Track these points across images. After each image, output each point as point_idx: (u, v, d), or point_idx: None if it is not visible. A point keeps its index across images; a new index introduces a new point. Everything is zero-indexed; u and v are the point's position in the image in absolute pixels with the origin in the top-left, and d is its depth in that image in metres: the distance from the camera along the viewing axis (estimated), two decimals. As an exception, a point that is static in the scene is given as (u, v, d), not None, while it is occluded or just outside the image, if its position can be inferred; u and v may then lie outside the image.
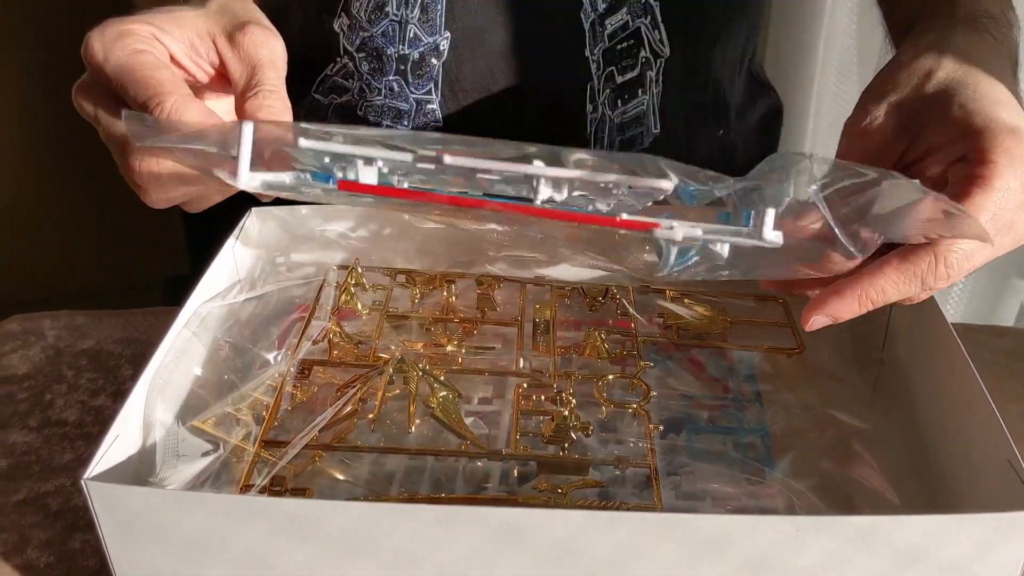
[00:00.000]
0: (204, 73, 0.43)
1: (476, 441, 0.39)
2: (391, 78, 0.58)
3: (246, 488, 0.37)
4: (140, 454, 0.38)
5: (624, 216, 0.33)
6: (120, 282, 1.07)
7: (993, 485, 0.35)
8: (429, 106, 0.59)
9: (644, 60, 0.60)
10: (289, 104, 0.40)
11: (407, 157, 0.34)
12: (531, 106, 0.60)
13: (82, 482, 0.34)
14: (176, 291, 1.21)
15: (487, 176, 0.34)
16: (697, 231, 0.33)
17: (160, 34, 0.41)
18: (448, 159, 0.34)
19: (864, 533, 0.32)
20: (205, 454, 0.39)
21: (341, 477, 0.40)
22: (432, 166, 0.34)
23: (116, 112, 0.40)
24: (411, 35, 0.56)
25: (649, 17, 0.59)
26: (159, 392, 0.40)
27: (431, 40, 0.57)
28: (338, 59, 0.59)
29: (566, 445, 0.39)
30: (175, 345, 0.42)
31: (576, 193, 0.34)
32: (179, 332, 0.43)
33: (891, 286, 0.36)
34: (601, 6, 0.57)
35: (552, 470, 0.38)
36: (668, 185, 0.33)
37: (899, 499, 0.39)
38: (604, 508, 0.35)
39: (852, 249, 0.34)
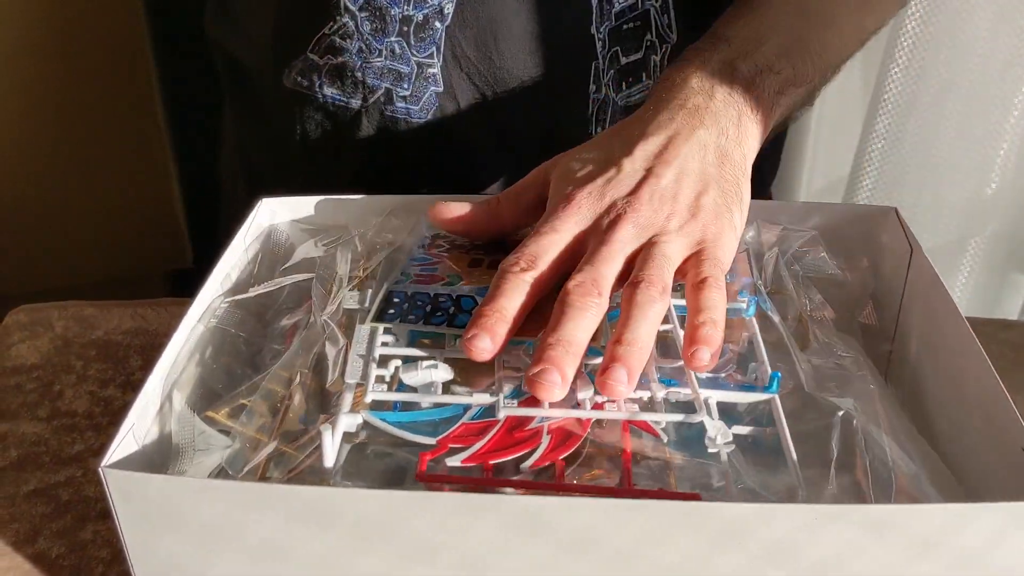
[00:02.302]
0: None
1: None
2: (393, 39, 0.57)
3: (263, 479, 0.37)
4: (155, 444, 0.38)
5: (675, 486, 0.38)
6: (121, 274, 1.07)
7: (1007, 474, 0.36)
8: (430, 70, 0.58)
9: (649, 44, 0.60)
10: None
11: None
12: (533, 77, 0.59)
13: (100, 470, 0.34)
14: (178, 283, 1.21)
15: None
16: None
17: None
18: (503, 412, 0.38)
19: (881, 522, 0.32)
20: (222, 447, 0.38)
21: (353, 469, 0.40)
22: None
23: None
24: None
25: (660, 1, 0.59)
26: (173, 383, 0.40)
27: (436, 2, 0.56)
28: (338, 18, 0.58)
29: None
30: (188, 337, 0.42)
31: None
32: (192, 325, 0.43)
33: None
34: None
35: (570, 460, 0.38)
36: (698, 418, 0.39)
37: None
38: (622, 496, 0.35)
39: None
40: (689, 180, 0.43)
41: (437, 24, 0.57)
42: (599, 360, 0.41)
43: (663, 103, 0.47)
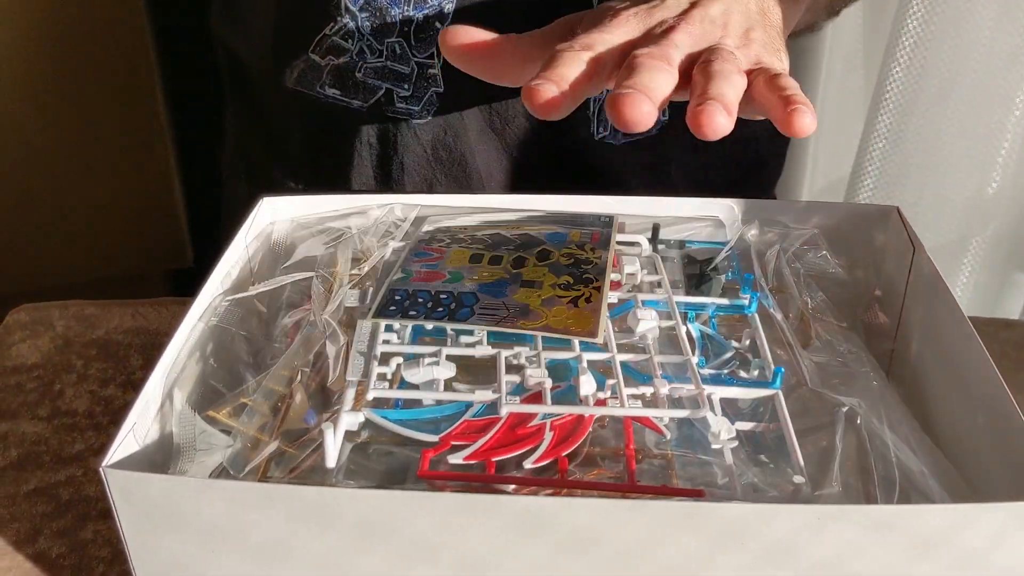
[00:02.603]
0: None
1: None
2: (394, 40, 0.57)
3: (264, 479, 0.37)
4: (156, 444, 0.38)
5: (677, 484, 0.38)
6: (122, 274, 1.07)
7: (1010, 474, 0.36)
8: (431, 71, 0.58)
9: None
10: None
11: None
12: None
13: (101, 470, 0.33)
14: (179, 283, 1.20)
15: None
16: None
17: None
18: (505, 409, 0.38)
19: (882, 522, 0.32)
20: (223, 446, 0.38)
21: (354, 467, 0.40)
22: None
23: None
24: None
25: None
26: (174, 382, 0.40)
27: (436, 3, 0.56)
28: (339, 18, 0.58)
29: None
30: (190, 336, 0.42)
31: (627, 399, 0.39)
32: (193, 324, 0.43)
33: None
34: None
35: (573, 457, 0.38)
36: (701, 414, 0.38)
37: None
38: (624, 496, 0.35)
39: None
40: (737, 16, 0.42)
41: (437, 25, 0.57)
42: (600, 356, 0.41)
43: None
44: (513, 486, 0.36)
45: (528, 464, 0.37)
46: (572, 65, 0.37)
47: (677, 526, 0.32)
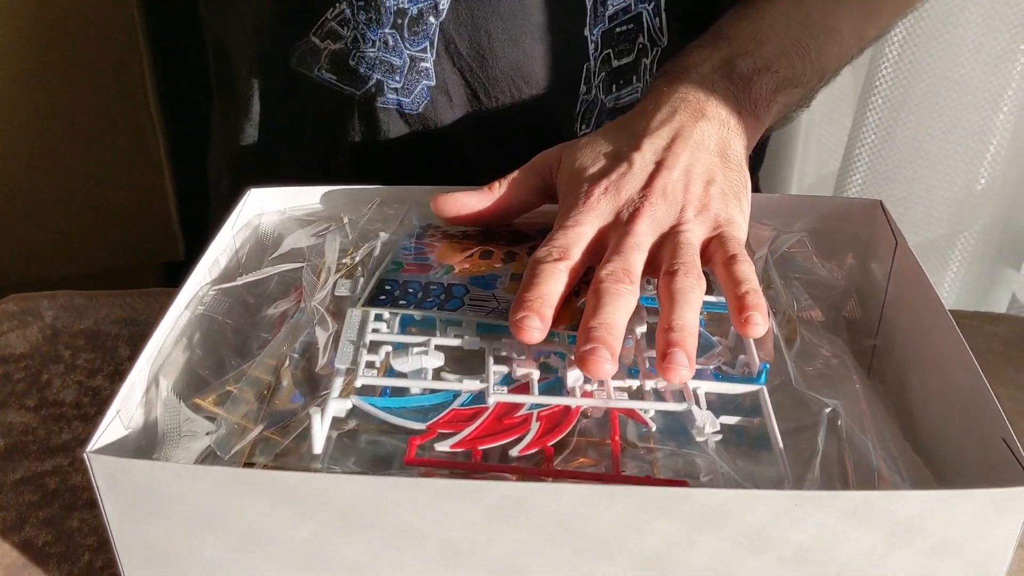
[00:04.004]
0: None
1: None
2: (387, 31, 0.57)
3: (248, 464, 0.37)
4: (141, 431, 0.38)
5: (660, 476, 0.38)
6: (113, 267, 1.06)
7: (988, 463, 0.36)
8: (423, 64, 0.59)
9: (641, 47, 0.60)
10: None
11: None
12: (523, 78, 0.60)
13: (85, 455, 0.34)
14: (170, 276, 1.20)
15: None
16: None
17: None
18: (493, 398, 0.39)
19: (861, 508, 0.33)
20: (207, 433, 0.39)
21: (340, 454, 0.41)
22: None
23: None
24: None
25: (652, 4, 0.59)
26: (160, 370, 0.40)
27: None
28: (337, 4, 0.58)
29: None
30: (176, 325, 0.42)
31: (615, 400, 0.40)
32: (180, 313, 0.43)
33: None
34: None
35: (559, 448, 0.39)
36: (686, 407, 0.39)
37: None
38: (604, 483, 0.36)
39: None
40: (698, 170, 0.45)
41: (431, 19, 0.57)
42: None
43: (664, 97, 0.48)
44: (498, 475, 0.37)
45: (514, 453, 0.38)
46: (552, 282, 0.40)
47: (658, 512, 0.33)
